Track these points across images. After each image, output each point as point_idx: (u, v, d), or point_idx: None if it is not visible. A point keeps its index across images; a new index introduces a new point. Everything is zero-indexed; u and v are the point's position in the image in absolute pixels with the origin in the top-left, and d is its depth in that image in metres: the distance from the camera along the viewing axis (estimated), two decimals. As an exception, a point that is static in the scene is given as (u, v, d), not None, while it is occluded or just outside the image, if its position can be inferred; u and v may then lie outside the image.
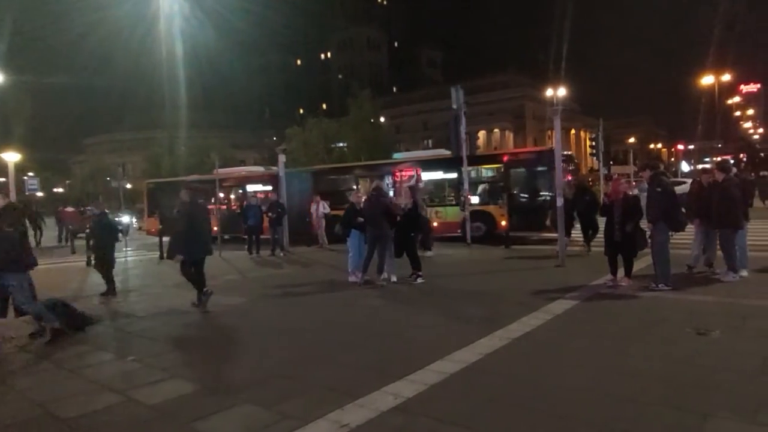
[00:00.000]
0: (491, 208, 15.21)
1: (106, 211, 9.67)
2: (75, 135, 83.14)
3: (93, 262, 10.50)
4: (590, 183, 25.57)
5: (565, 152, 16.16)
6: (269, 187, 19.23)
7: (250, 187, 19.87)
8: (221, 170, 24.32)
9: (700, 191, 8.36)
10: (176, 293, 9.02)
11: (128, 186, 30.53)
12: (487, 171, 16.36)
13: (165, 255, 11.25)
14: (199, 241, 7.58)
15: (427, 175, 16.50)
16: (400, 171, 16.98)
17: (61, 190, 64.90)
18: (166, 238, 21.03)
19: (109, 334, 6.36)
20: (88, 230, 11.62)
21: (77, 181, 64.94)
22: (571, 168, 16.19)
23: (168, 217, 16.57)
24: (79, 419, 3.78)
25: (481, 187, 16.05)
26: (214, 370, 4.74)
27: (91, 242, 9.41)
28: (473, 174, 16.14)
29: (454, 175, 15.91)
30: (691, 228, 8.25)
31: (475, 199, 15.70)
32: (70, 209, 23.64)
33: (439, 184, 16.80)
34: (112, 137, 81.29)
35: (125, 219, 27.66)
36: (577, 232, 12.67)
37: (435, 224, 15.21)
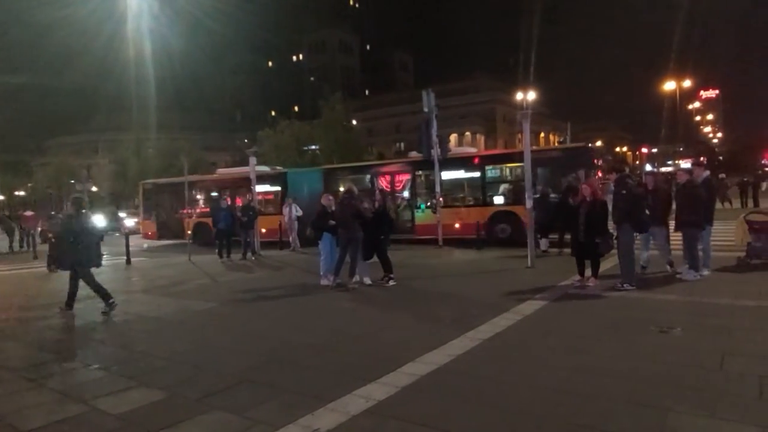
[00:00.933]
0: (517, 209, 14.05)
1: None
2: (37, 136, 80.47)
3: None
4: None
5: (593, 145, 15.13)
6: (277, 188, 18.64)
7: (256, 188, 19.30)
8: (223, 170, 23.59)
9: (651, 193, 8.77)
10: (143, 299, 8.84)
11: (93, 189, 29.67)
12: (514, 170, 15.47)
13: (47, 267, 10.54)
14: (83, 252, 7.63)
15: (448, 174, 15.69)
16: (422, 169, 16.40)
17: (22, 193, 62.70)
18: (165, 242, 20.48)
19: (72, 342, 6.18)
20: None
21: (40, 184, 62.73)
22: (600, 164, 14.87)
23: (166, 220, 16.06)
24: (41, 431, 3.66)
25: (504, 187, 15.48)
26: (183, 377, 4.65)
27: None
28: (497, 173, 15.67)
29: (476, 174, 15.52)
30: None
31: (499, 199, 15.25)
32: (29, 213, 22.90)
33: (458, 184, 16.21)
34: (77, 139, 78.86)
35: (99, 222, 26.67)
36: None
37: (457, 225, 14.84)
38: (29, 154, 73.18)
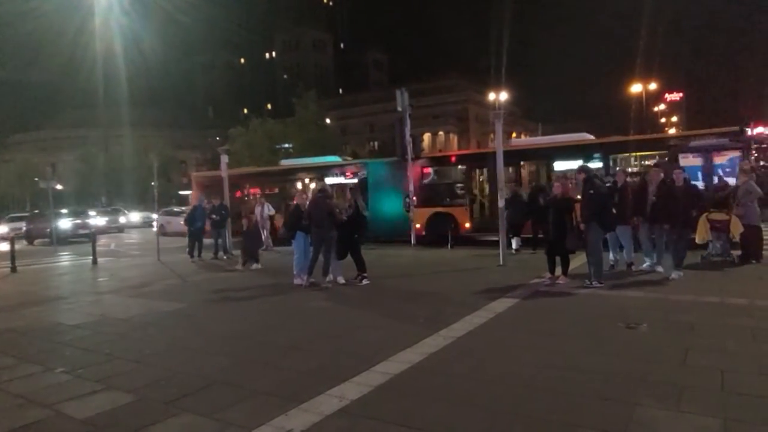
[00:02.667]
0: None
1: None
2: (0, 132, 77.60)
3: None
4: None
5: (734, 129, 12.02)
6: (355, 180, 16.53)
7: (329, 180, 17.21)
8: (288, 161, 22.41)
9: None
10: (111, 300, 8.63)
11: (59, 187, 28.68)
12: (641, 159, 13.56)
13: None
14: None
15: (563, 165, 13.72)
16: (528, 159, 14.51)
17: (-18, 191, 60.34)
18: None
19: (36, 344, 5.98)
20: None
21: (2, 182, 60.52)
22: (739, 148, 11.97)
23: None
24: (2, 437, 3.54)
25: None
26: (152, 380, 4.55)
27: None
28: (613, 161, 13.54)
29: (598, 165, 13.45)
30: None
31: None
32: None
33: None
34: (43, 135, 76.46)
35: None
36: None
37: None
38: (-10, 151, 70.50)
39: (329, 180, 17.57)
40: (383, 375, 4.31)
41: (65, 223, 23.64)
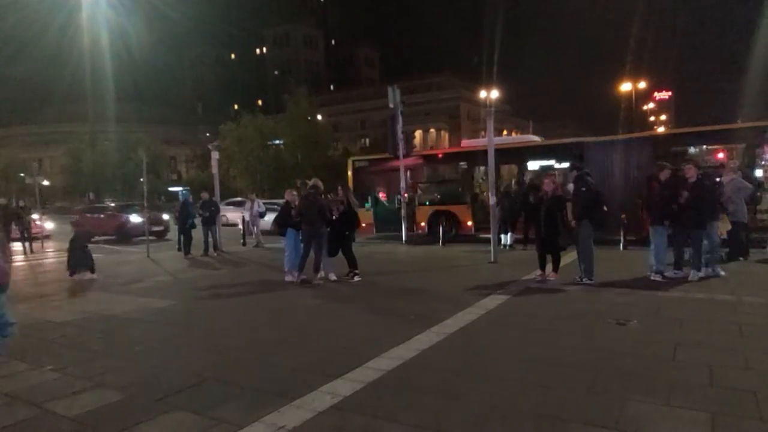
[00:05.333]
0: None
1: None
2: (-17, 127, 76.41)
3: None
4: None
5: None
6: (565, 163, 13.29)
7: (532, 164, 14.49)
8: (468, 141, 18.28)
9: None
10: (99, 297, 8.54)
11: (45, 183, 28.26)
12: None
13: None
14: None
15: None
16: None
17: (-34, 187, 59.44)
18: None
19: (23, 342, 5.90)
20: None
21: (-13, 177, 59.58)
22: None
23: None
24: (-11, 435, 3.49)
25: None
26: (142, 377, 4.51)
27: None
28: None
29: None
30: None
31: None
32: None
33: None
34: (28, 130, 75.45)
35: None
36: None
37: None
38: (-25, 146, 69.41)
39: (534, 163, 14.34)
40: (375, 371, 4.31)
41: (136, 218, 19.84)
